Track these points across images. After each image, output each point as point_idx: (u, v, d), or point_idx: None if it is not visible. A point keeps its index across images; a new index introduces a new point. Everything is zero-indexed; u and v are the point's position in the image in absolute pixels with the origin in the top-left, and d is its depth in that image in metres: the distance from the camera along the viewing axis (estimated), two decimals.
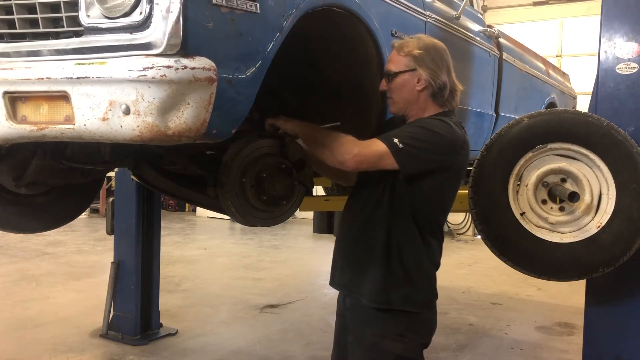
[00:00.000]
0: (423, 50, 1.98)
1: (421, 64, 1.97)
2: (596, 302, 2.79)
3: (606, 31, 2.70)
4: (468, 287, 6.42)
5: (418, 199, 1.99)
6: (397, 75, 2.01)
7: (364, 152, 1.88)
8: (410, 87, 2.00)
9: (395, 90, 2.03)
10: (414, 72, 1.98)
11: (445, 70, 2.01)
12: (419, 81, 1.98)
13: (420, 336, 2.07)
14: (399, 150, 1.86)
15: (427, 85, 1.98)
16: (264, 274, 6.82)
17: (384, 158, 1.87)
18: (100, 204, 11.18)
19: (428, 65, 1.98)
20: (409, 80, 1.99)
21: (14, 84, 1.60)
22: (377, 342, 2.01)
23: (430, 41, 2.04)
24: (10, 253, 7.43)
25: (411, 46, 2.00)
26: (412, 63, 1.98)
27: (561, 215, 2.56)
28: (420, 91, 1.99)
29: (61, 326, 4.58)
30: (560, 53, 11.19)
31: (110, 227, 4.52)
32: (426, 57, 1.98)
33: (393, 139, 1.87)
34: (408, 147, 1.87)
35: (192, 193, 2.56)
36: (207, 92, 1.48)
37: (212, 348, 4.28)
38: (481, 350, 4.38)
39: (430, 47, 2.01)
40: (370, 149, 1.89)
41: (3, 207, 2.60)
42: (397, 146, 1.86)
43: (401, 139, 1.87)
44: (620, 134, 2.49)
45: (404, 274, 2.01)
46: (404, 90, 2.01)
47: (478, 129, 3.63)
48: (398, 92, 2.02)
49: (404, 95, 2.02)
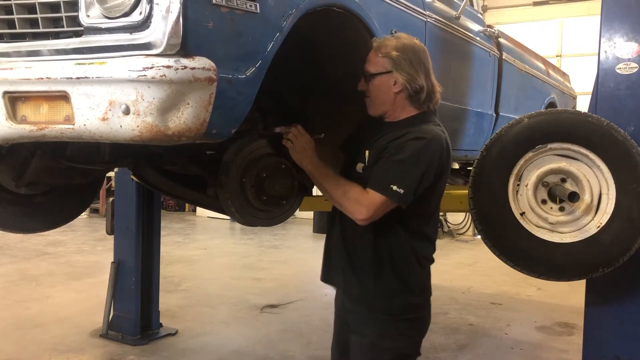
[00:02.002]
0: (400, 52, 1.96)
1: (397, 67, 1.96)
2: (596, 302, 2.79)
3: (606, 31, 2.70)
4: (468, 287, 6.42)
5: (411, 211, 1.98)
6: (374, 77, 2.00)
7: (371, 211, 1.89)
8: (386, 89, 1.99)
9: (372, 91, 2.02)
10: (390, 74, 1.97)
11: (422, 73, 1.98)
12: (395, 83, 1.97)
13: (419, 332, 2.11)
14: (402, 196, 1.87)
15: (403, 88, 1.97)
16: (264, 274, 6.82)
17: (389, 207, 1.90)
18: (100, 204, 11.18)
19: (404, 68, 1.95)
20: (385, 82, 1.98)
21: (14, 83, 1.60)
22: (377, 342, 2.02)
23: (409, 42, 2.01)
24: (10, 253, 7.43)
25: (389, 47, 1.98)
26: (389, 65, 1.96)
27: (561, 215, 2.56)
28: (396, 93, 1.99)
29: (61, 326, 4.57)
30: (560, 53, 11.18)
31: (110, 227, 4.52)
32: (403, 60, 1.96)
33: (391, 187, 1.87)
34: (407, 188, 1.88)
35: (192, 193, 2.56)
36: (207, 92, 1.48)
37: (212, 348, 4.28)
38: (481, 350, 4.38)
39: (409, 49, 1.98)
40: (376, 206, 1.89)
41: (3, 207, 2.60)
42: (398, 193, 1.87)
43: (398, 184, 1.87)
44: (620, 134, 2.49)
45: (397, 280, 2.01)
46: (380, 91, 2.00)
47: (478, 129, 3.63)
48: (375, 92, 2.02)
49: (380, 96, 2.01)
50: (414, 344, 2.09)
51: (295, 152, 2.02)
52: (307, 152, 2.01)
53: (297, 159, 2.03)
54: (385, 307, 2.02)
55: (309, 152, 2.01)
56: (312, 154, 2.00)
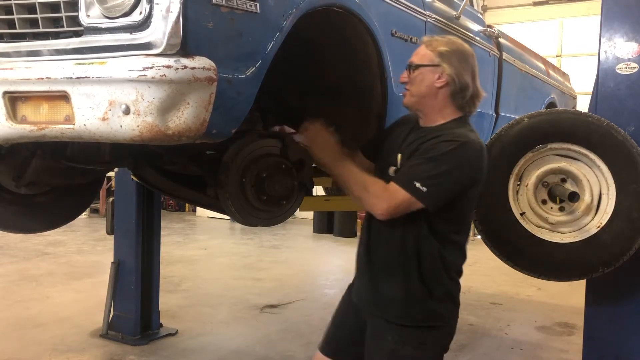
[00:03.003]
0: (450, 49, 1.94)
1: (446, 60, 1.92)
2: (596, 302, 2.79)
3: (606, 31, 2.70)
4: (468, 287, 6.42)
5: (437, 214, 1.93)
6: (418, 68, 1.96)
7: (392, 205, 1.86)
8: (429, 82, 1.94)
9: (414, 83, 1.97)
10: (436, 68, 1.93)
11: (469, 73, 1.95)
12: (439, 77, 1.93)
13: (440, 343, 2.05)
14: (424, 194, 1.82)
15: (449, 82, 1.92)
16: (264, 274, 6.82)
17: (412, 205, 1.85)
18: (100, 204, 11.18)
19: (452, 63, 1.92)
20: (430, 75, 1.94)
21: (14, 83, 1.60)
22: (397, 349, 1.97)
23: (460, 43, 2.01)
24: (10, 253, 7.43)
25: (439, 43, 1.96)
26: (437, 58, 1.93)
27: (561, 215, 2.56)
28: (439, 88, 1.94)
29: (61, 326, 4.57)
30: (560, 53, 11.19)
31: (110, 227, 4.52)
32: (452, 56, 1.93)
33: (415, 184, 1.83)
34: (432, 188, 1.83)
35: (192, 193, 2.56)
36: (207, 92, 1.48)
37: (212, 348, 4.28)
38: (481, 350, 4.38)
39: (459, 48, 1.97)
40: (397, 201, 1.85)
41: (3, 207, 2.60)
42: (421, 191, 1.82)
43: (422, 182, 1.82)
44: (620, 134, 2.49)
45: (423, 287, 1.96)
46: (422, 84, 1.95)
47: (478, 129, 3.57)
48: (417, 85, 1.96)
49: (421, 90, 1.96)
50: (434, 353, 2.02)
51: (316, 149, 2.02)
52: (328, 147, 2.00)
53: (319, 155, 2.01)
54: (410, 315, 1.97)
55: (330, 147, 1.99)
56: (333, 149, 1.99)
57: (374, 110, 2.38)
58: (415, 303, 1.97)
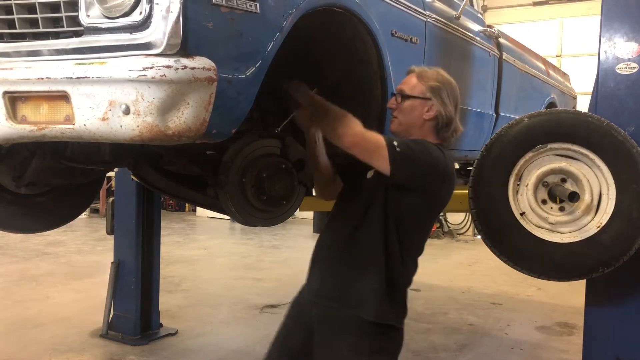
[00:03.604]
0: (441, 84, 2.05)
1: (436, 95, 2.03)
2: (596, 302, 2.79)
3: (606, 31, 2.70)
4: (468, 287, 6.42)
5: (401, 216, 2.00)
6: (409, 98, 2.05)
7: (364, 135, 1.91)
8: (418, 114, 2.05)
9: (403, 112, 2.07)
10: (426, 101, 2.04)
11: (454, 108, 2.07)
12: (428, 110, 2.04)
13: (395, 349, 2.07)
14: (396, 151, 1.89)
15: (437, 115, 2.04)
16: (264, 274, 6.82)
17: (379, 151, 1.89)
18: (100, 204, 11.18)
19: (443, 99, 2.04)
20: (419, 107, 2.04)
21: (14, 83, 1.60)
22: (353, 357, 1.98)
23: (448, 77, 2.11)
24: (10, 253, 7.43)
25: (430, 77, 2.06)
26: (428, 92, 2.04)
27: (561, 215, 2.56)
28: (426, 120, 2.04)
29: (61, 326, 4.58)
30: (560, 53, 11.18)
31: (110, 227, 4.52)
32: (442, 91, 2.04)
33: (392, 141, 1.91)
34: (404, 153, 1.90)
35: (192, 193, 2.56)
36: (207, 92, 1.48)
37: (212, 348, 4.28)
38: (481, 350, 4.38)
39: (447, 82, 2.08)
40: (371, 137, 1.92)
41: (3, 207, 2.60)
42: (394, 147, 1.89)
43: (399, 143, 1.91)
44: (620, 134, 2.48)
45: (388, 288, 2.01)
46: (412, 114, 2.05)
47: (478, 129, 3.63)
48: (406, 114, 2.06)
49: (410, 119, 2.06)
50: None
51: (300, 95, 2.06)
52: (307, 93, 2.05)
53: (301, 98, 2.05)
54: (375, 310, 1.98)
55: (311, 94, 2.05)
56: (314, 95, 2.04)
57: (374, 110, 2.38)
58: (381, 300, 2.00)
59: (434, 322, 5.02)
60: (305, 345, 2.09)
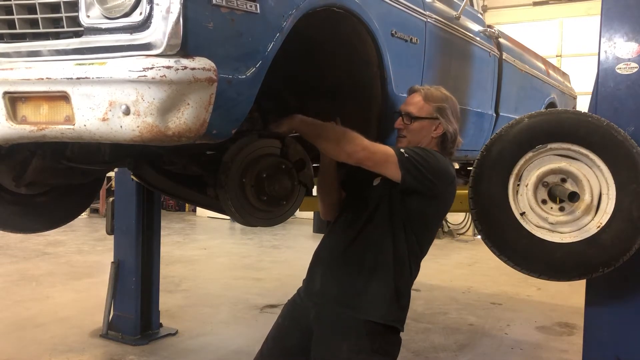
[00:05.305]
0: (446, 103, 2.14)
1: (444, 115, 2.12)
2: (596, 302, 2.79)
3: (606, 31, 2.70)
4: (468, 287, 6.42)
5: (410, 220, 2.05)
6: (417, 120, 2.13)
7: (372, 149, 1.96)
8: (426, 133, 2.14)
9: (411, 132, 2.14)
10: (434, 121, 2.12)
11: (457, 122, 2.17)
12: (436, 129, 2.12)
13: (390, 354, 2.08)
14: (404, 157, 1.95)
15: (444, 134, 2.13)
16: (264, 274, 6.82)
17: (389, 161, 1.96)
18: (100, 204, 11.18)
19: (448, 117, 2.13)
20: (428, 127, 2.13)
21: (14, 84, 1.60)
22: (353, 358, 1.99)
23: (449, 94, 2.20)
24: (10, 253, 7.43)
25: (436, 97, 2.14)
26: (435, 113, 2.12)
27: (561, 215, 2.56)
28: (433, 138, 2.13)
29: (61, 326, 4.58)
30: (560, 53, 11.18)
31: (110, 227, 4.52)
32: (448, 110, 2.13)
33: (399, 149, 1.98)
34: (413, 158, 1.96)
35: (192, 193, 2.56)
36: (207, 93, 1.48)
37: (212, 348, 4.28)
38: (481, 350, 4.38)
39: (451, 101, 2.17)
40: (379, 149, 1.97)
41: (3, 207, 2.60)
42: (402, 154, 1.96)
43: (406, 150, 1.98)
44: (620, 134, 2.48)
45: (397, 293, 2.04)
46: (420, 134, 2.13)
47: (478, 129, 3.63)
48: (415, 134, 2.13)
49: (419, 138, 2.14)
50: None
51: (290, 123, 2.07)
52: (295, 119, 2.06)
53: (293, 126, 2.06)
54: (380, 312, 2.01)
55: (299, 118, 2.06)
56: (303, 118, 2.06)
57: (374, 111, 2.38)
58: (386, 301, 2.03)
59: (434, 322, 5.02)
60: (301, 345, 2.12)
